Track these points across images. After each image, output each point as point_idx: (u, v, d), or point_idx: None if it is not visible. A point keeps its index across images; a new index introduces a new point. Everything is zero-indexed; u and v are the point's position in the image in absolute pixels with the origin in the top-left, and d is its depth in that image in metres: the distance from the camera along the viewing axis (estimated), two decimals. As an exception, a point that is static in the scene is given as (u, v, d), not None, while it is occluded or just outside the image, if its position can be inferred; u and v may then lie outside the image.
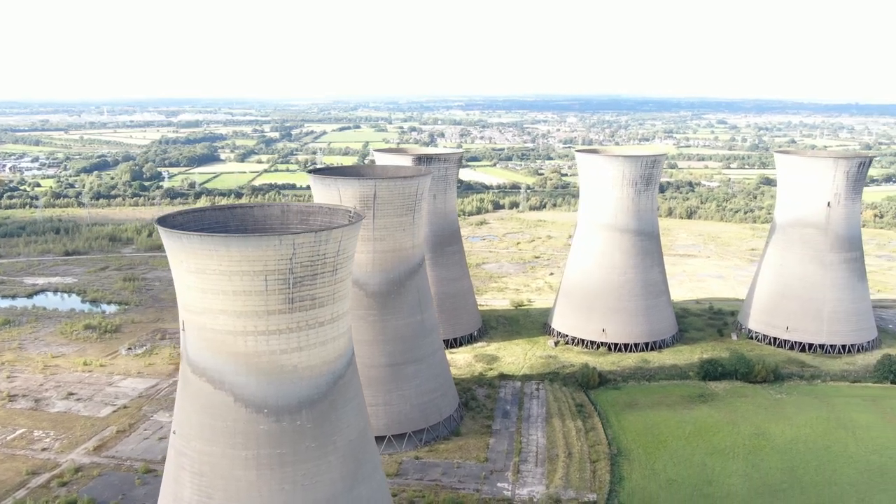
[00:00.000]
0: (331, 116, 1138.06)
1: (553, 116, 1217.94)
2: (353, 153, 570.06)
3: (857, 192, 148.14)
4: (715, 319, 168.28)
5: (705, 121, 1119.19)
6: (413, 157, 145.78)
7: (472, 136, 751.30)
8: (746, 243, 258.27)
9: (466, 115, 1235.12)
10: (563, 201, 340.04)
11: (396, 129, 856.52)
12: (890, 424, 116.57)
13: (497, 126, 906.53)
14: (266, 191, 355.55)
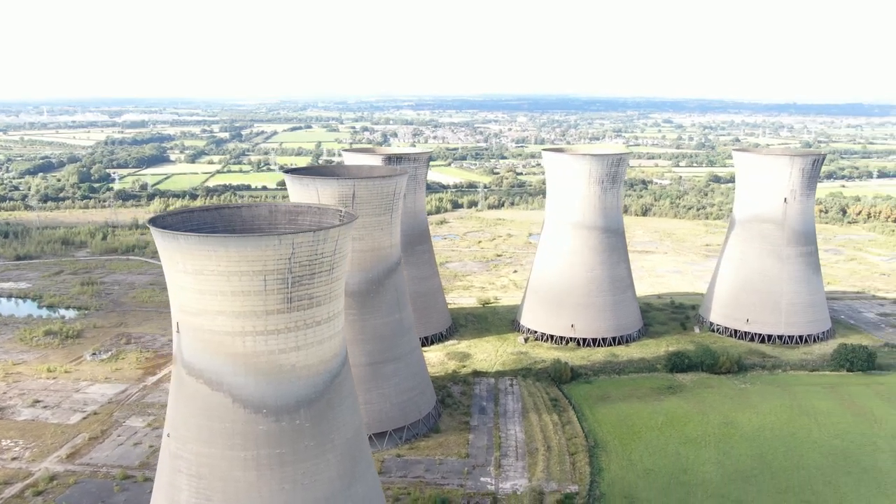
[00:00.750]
0: (280, 116, 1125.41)
1: (503, 116, 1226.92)
2: (307, 153, 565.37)
3: (812, 188, 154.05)
4: (677, 313, 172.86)
5: (652, 120, 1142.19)
6: (383, 157, 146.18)
7: (425, 135, 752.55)
8: (701, 239, 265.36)
9: (417, 114, 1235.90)
10: (520, 200, 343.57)
11: (348, 129, 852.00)
12: (849, 410, 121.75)
13: (449, 126, 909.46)
14: (221, 192, 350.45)
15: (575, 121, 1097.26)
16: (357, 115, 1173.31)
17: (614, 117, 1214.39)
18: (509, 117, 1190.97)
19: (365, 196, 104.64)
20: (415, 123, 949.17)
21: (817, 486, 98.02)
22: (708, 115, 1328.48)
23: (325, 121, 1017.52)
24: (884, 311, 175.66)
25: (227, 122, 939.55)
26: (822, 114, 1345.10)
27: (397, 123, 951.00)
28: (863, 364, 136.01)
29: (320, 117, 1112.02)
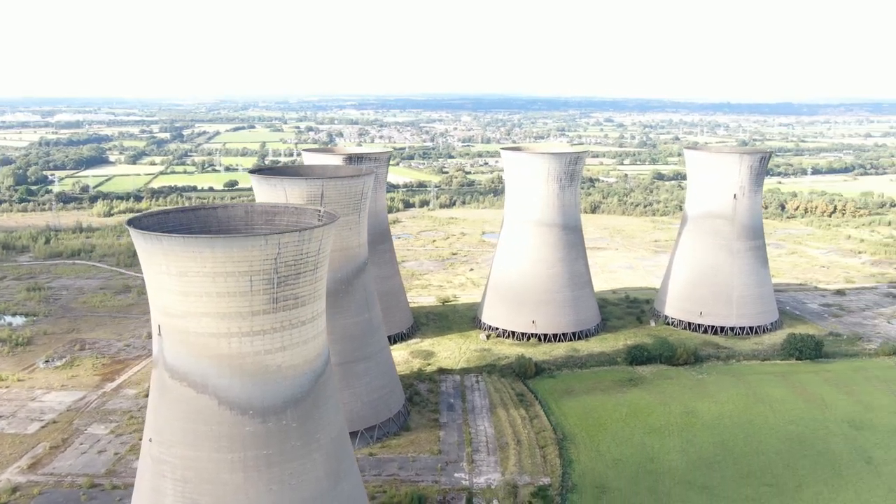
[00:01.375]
0: (221, 116, 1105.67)
1: (447, 115, 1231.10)
2: (251, 153, 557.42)
3: (759, 184, 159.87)
4: (632, 308, 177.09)
5: (593, 119, 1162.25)
6: (344, 157, 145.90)
7: (371, 135, 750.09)
8: (649, 235, 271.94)
9: (361, 114, 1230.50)
10: (471, 199, 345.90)
11: (293, 128, 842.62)
12: (800, 397, 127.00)
13: (395, 125, 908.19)
14: (167, 193, 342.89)
15: (518, 120, 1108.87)
16: (300, 115, 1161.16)
17: (557, 116, 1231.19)
18: (453, 116, 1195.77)
19: (333, 196, 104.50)
20: (360, 123, 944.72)
21: (777, 470, 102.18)
22: (647, 114, 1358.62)
23: (268, 121, 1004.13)
24: (826, 302, 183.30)
25: (166, 122, 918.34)
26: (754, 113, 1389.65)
27: (342, 123, 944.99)
28: (811, 353, 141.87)
29: (263, 117, 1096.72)
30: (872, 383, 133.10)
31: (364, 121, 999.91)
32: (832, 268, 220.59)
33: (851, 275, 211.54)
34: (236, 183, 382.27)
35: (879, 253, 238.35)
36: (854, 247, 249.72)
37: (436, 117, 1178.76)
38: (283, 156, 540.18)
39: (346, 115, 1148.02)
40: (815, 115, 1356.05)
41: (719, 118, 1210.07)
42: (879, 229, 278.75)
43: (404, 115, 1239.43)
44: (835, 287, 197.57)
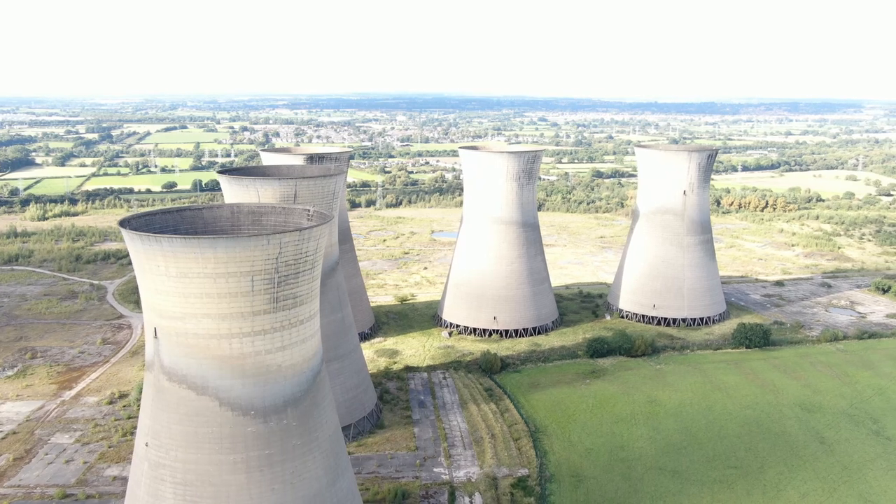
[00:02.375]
0: (150, 116, 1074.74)
1: (382, 115, 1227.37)
2: (186, 154, 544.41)
3: (707, 181, 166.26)
4: (587, 302, 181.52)
5: (527, 118, 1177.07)
6: (305, 157, 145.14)
7: (308, 135, 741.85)
8: (594, 231, 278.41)
9: (294, 114, 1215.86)
10: (417, 198, 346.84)
11: (226, 128, 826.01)
12: (753, 383, 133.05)
13: (331, 125, 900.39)
14: (103, 196, 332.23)
15: (454, 119, 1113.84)
16: (232, 115, 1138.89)
17: (491, 116, 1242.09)
18: (388, 116, 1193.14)
19: (306, 196, 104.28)
20: (295, 123, 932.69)
21: (740, 453, 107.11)
22: (579, 113, 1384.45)
23: (200, 120, 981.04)
24: (767, 293, 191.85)
25: (92, 122, 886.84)
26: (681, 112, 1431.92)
27: (277, 123, 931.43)
28: (759, 341, 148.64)
29: (193, 117, 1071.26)
30: (818, 368, 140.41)
31: (299, 120, 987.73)
32: (769, 260, 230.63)
33: (787, 266, 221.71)
34: (175, 185, 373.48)
35: (811, 245, 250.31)
36: (787, 240, 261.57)
37: (371, 117, 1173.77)
38: (219, 156, 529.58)
39: (279, 115, 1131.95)
40: (737, 114, 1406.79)
41: (648, 117, 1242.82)
42: (808, 223, 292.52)
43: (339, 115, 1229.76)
44: (774, 278, 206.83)
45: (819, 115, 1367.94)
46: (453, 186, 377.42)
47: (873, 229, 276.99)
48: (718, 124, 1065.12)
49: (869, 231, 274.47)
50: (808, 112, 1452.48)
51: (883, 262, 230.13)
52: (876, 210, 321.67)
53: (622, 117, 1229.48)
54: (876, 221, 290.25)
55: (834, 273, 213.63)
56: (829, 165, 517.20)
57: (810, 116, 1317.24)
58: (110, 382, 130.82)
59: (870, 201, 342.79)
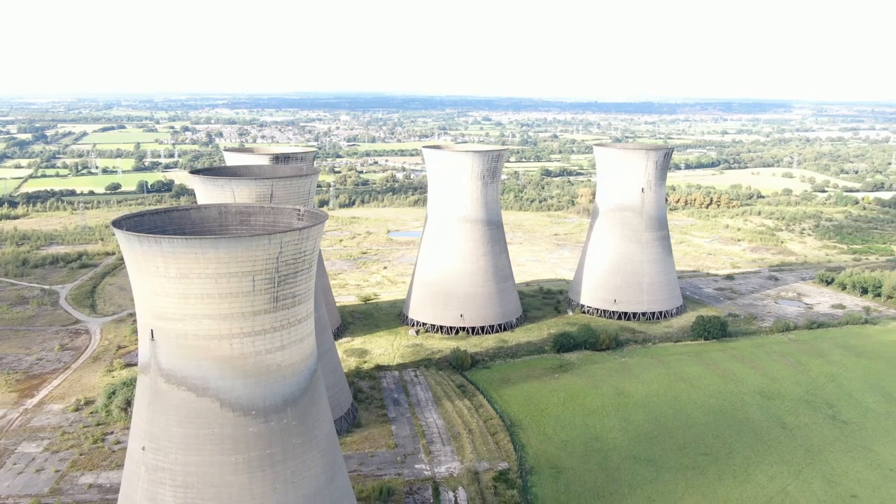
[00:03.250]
0: (84, 116, 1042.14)
1: (326, 114, 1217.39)
2: (127, 155, 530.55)
3: (663, 178, 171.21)
4: (548, 299, 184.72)
5: (471, 118, 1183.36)
6: (270, 157, 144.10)
7: (252, 135, 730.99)
8: (548, 229, 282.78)
9: (235, 113, 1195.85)
10: (370, 198, 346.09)
11: (167, 128, 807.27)
12: (714, 373, 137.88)
13: (275, 125, 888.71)
14: (44, 198, 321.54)
15: (398, 119, 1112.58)
16: (171, 114, 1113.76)
17: (435, 115, 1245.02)
18: (332, 115, 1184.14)
19: (282, 195, 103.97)
20: (238, 122, 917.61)
21: (708, 440, 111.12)
22: (521, 112, 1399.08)
23: (138, 120, 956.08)
24: (719, 286, 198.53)
25: (24, 122, 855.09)
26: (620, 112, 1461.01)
27: (219, 122, 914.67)
28: (717, 333, 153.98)
29: (130, 116, 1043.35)
30: (773, 357, 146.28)
31: (241, 120, 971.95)
32: (718, 255, 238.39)
33: (736, 261, 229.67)
34: (119, 186, 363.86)
35: (756, 240, 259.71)
36: (733, 235, 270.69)
37: (314, 116, 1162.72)
38: (162, 157, 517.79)
39: (220, 115, 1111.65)
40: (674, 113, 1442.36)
41: (589, 116, 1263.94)
42: (751, 218, 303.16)
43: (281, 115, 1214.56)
44: (724, 272, 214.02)
45: (751, 114, 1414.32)
46: (405, 186, 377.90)
47: (812, 224, 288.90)
48: (657, 123, 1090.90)
49: (808, 226, 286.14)
50: (741, 112, 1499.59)
51: (824, 255, 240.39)
52: (813, 206, 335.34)
53: (564, 117, 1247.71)
54: (814, 217, 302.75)
55: (780, 266, 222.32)
56: (766, 163, 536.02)
57: (743, 116, 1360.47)
58: (74, 389, 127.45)
59: (807, 197, 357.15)
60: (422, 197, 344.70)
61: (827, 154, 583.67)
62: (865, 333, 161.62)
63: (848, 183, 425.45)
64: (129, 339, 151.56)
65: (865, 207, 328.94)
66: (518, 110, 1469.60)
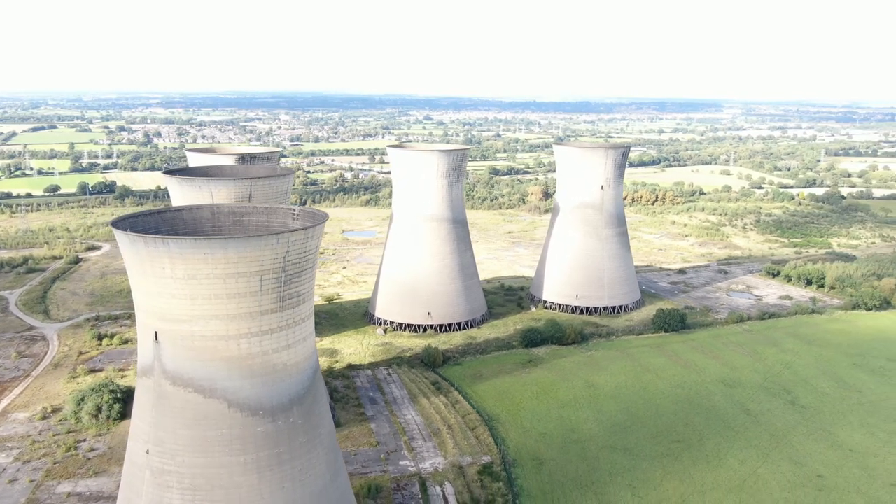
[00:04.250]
0: (10, 115, 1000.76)
1: (265, 114, 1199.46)
2: (62, 155, 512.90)
3: (621, 176, 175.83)
4: (510, 295, 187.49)
5: (413, 117, 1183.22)
6: (236, 157, 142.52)
7: (191, 135, 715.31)
8: (502, 227, 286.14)
9: (171, 112, 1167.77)
10: (321, 198, 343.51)
11: (101, 128, 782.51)
12: (677, 364, 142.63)
13: (214, 125, 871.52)
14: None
15: (339, 118, 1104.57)
16: (103, 114, 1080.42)
17: (376, 114, 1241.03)
18: (271, 115, 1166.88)
19: (261, 195, 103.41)
20: (175, 122, 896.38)
21: (679, 428, 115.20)
22: (462, 111, 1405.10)
23: (69, 119, 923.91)
24: (672, 280, 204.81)
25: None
26: (559, 111, 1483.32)
27: (156, 122, 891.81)
28: (677, 325, 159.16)
29: (61, 116, 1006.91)
30: (730, 348, 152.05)
31: (178, 120, 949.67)
32: (668, 250, 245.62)
33: (686, 255, 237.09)
34: (58, 188, 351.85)
35: (702, 235, 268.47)
36: (680, 231, 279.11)
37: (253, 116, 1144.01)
38: (99, 157, 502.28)
39: (155, 114, 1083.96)
40: (611, 112, 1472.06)
41: (529, 116, 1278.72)
42: (696, 215, 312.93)
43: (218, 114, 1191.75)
44: (676, 267, 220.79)
45: (685, 113, 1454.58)
46: (356, 186, 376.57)
47: (753, 219, 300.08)
48: (596, 122, 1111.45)
49: (750, 221, 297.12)
50: (675, 111, 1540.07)
51: (767, 248, 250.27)
52: (752, 202, 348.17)
53: (504, 116, 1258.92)
54: (754, 212, 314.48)
55: (727, 260, 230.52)
56: (704, 161, 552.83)
57: (677, 115, 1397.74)
58: (38, 397, 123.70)
59: (745, 194, 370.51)
60: (373, 196, 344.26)
61: (760, 152, 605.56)
62: (813, 322, 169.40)
63: (782, 179, 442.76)
64: (89, 344, 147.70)
65: (801, 203, 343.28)
66: (458, 109, 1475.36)
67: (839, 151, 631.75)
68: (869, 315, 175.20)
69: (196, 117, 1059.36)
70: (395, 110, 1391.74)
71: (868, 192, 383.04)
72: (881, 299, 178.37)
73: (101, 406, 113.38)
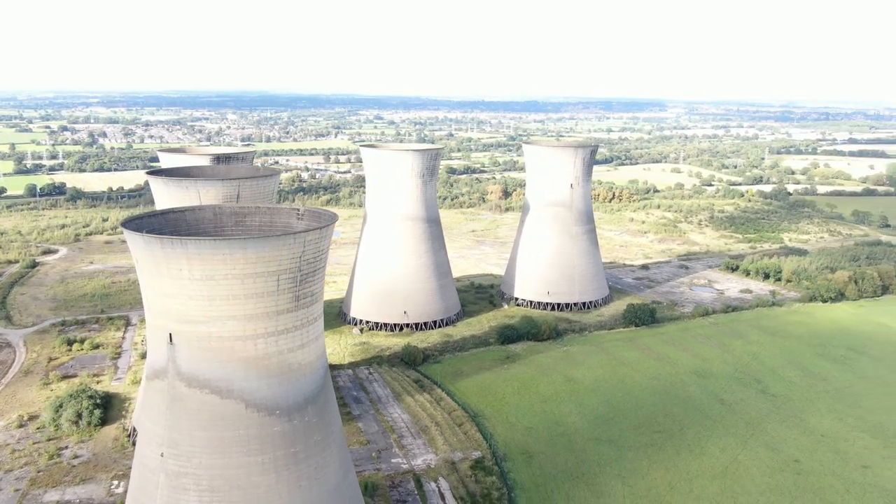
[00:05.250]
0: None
1: (212, 113, 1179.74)
2: (4, 157, 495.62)
3: (589, 174, 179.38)
4: (481, 293, 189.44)
5: (363, 116, 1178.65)
6: (211, 157, 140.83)
7: (138, 134, 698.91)
8: (465, 226, 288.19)
9: (113, 112, 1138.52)
10: (281, 199, 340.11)
11: (42, 128, 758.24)
12: (651, 357, 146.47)
13: (161, 124, 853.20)
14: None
15: (289, 118, 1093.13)
16: (42, 113, 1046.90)
17: (326, 114, 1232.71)
18: (218, 115, 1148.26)
19: (248, 195, 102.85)
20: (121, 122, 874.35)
21: (659, 419, 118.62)
22: (412, 111, 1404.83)
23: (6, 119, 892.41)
24: (637, 276, 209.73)
25: None
26: (508, 110, 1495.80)
27: (99, 122, 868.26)
28: (647, 319, 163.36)
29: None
30: (699, 340, 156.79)
31: (123, 119, 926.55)
32: (629, 247, 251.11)
33: (647, 252, 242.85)
34: (4, 190, 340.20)
35: (661, 232, 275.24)
36: (639, 228, 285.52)
37: (199, 115, 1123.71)
38: (44, 158, 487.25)
39: (97, 114, 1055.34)
40: (559, 111, 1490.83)
41: (478, 115, 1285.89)
42: (653, 212, 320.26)
43: (163, 114, 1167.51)
44: (639, 263, 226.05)
45: (631, 112, 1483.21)
46: (315, 186, 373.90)
47: (707, 216, 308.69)
48: (545, 122, 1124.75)
49: (704, 217, 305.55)
50: (621, 110, 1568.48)
51: (723, 244, 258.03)
52: (705, 199, 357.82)
53: (454, 115, 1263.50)
54: (708, 209, 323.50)
55: (687, 256, 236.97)
56: (655, 159, 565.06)
57: (624, 114, 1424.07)
58: (11, 405, 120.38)
59: (698, 191, 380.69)
60: (333, 196, 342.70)
61: (707, 150, 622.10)
62: (774, 315, 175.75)
63: (730, 177, 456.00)
64: (58, 350, 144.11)
65: (750, 200, 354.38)
66: (408, 109, 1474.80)
67: (781, 150, 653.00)
68: (825, 307, 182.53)
69: (140, 117, 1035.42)
70: (344, 110, 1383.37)
71: (813, 189, 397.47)
72: (836, 291, 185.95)
73: (82, 412, 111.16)
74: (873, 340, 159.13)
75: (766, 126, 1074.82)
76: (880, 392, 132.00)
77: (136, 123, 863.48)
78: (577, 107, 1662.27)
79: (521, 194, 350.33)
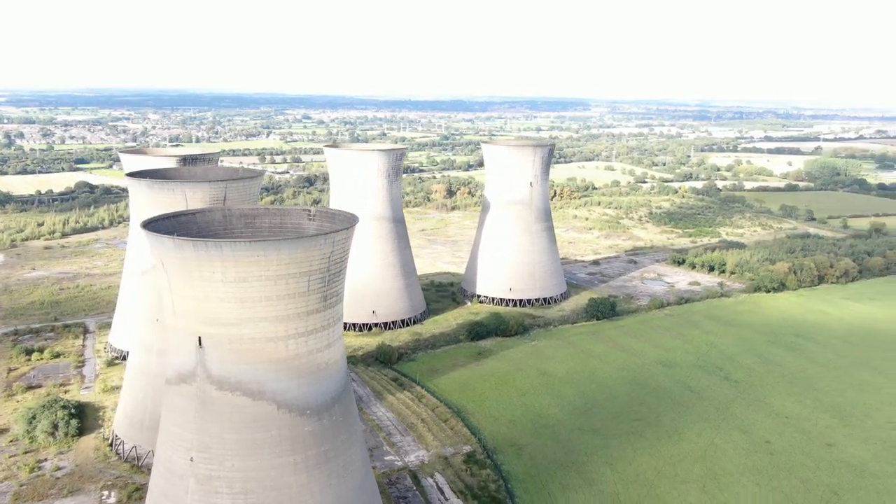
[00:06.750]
0: None
1: (132, 113, 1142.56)
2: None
3: (547, 173, 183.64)
4: (442, 291, 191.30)
5: (290, 116, 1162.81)
6: (178, 158, 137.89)
7: (58, 135, 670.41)
8: (414, 226, 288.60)
9: (25, 112, 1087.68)
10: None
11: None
12: (616, 349, 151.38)
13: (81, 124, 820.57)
14: None
15: (214, 117, 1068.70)
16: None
17: (252, 113, 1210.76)
18: (138, 114, 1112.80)
19: (235, 197, 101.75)
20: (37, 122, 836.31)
21: (635, 408, 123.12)
22: (339, 110, 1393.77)
23: None
24: (590, 272, 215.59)
25: None
26: (435, 109, 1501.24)
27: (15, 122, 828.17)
28: (608, 312, 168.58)
29: None
30: (658, 331, 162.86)
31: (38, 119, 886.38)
32: (578, 243, 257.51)
33: (595, 248, 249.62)
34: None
35: (605, 228, 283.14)
36: (584, 224, 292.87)
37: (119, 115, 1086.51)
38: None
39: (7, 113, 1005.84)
40: (486, 111, 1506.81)
41: (406, 114, 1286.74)
42: (594, 209, 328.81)
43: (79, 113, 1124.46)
44: (589, 259, 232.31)
45: (556, 111, 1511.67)
46: (266, 187, 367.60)
47: (646, 212, 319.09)
48: (474, 121, 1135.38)
49: (643, 214, 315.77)
50: (546, 109, 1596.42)
51: (665, 239, 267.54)
52: (642, 195, 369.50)
53: (383, 114, 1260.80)
54: (645, 205, 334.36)
55: (634, 251, 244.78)
56: (587, 157, 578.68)
57: (550, 113, 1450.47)
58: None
59: (634, 188, 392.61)
60: (277, 198, 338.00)
61: (636, 148, 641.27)
62: (724, 305, 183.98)
63: (662, 174, 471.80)
64: (17, 360, 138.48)
65: (684, 196, 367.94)
66: (335, 108, 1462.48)
67: (704, 147, 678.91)
68: (769, 296, 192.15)
69: (56, 117, 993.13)
70: (270, 109, 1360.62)
71: (740, 185, 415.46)
72: (778, 282, 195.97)
73: (58, 423, 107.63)
74: (817, 327, 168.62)
75: (687, 125, 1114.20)
76: (831, 375, 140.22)
77: (54, 123, 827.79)
78: (503, 106, 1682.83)
79: (465, 193, 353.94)
